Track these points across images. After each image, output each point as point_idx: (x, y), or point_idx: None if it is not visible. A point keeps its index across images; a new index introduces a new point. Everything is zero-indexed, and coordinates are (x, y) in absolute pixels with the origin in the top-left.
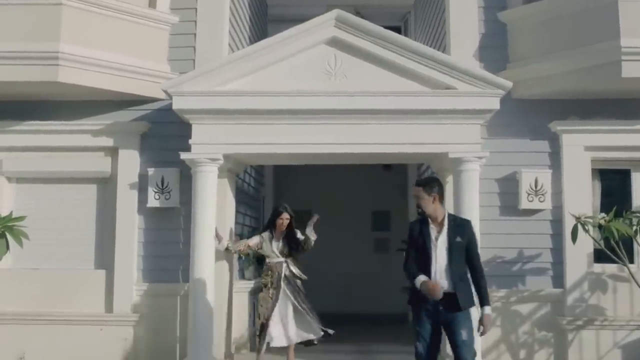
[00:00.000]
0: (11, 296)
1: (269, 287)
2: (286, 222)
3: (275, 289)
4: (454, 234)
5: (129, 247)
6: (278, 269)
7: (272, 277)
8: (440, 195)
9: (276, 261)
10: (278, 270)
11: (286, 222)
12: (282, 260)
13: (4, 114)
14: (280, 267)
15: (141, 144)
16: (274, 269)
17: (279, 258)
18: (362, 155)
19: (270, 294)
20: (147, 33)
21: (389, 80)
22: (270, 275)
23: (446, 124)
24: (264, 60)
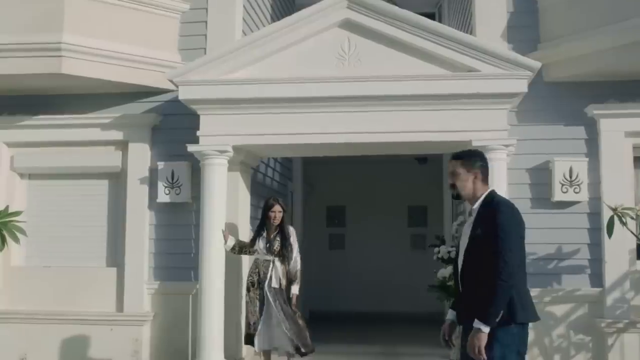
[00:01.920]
0: (23, 294)
1: (256, 287)
2: (279, 216)
3: (261, 289)
4: (478, 225)
5: (140, 244)
6: (264, 268)
7: (258, 275)
8: (483, 174)
9: (264, 259)
10: (264, 270)
11: (279, 215)
12: (270, 259)
13: (15, 109)
14: (267, 266)
15: (152, 137)
16: (260, 267)
17: (267, 256)
18: (379, 145)
19: (258, 295)
20: (155, 22)
21: (406, 63)
22: (257, 273)
23: (469, 109)
24: (273, 46)
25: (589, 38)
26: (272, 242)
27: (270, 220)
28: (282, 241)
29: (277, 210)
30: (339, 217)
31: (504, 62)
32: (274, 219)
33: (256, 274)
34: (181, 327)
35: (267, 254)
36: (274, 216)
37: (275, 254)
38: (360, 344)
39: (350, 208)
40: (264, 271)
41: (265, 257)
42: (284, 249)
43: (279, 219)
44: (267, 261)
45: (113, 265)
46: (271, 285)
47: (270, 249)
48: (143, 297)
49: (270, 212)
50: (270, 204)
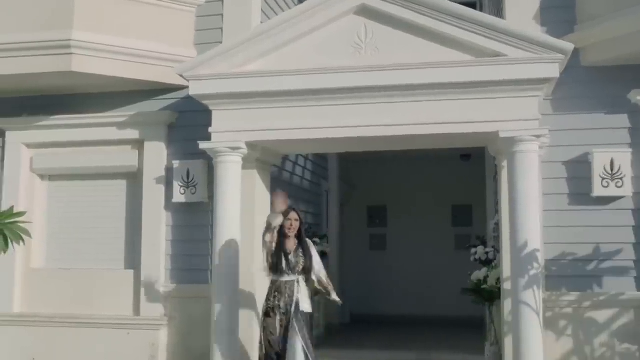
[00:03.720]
0: (42, 297)
1: (276, 312)
2: (295, 225)
3: (284, 314)
4: None
5: (156, 246)
6: (289, 291)
7: (280, 299)
8: None
9: (286, 279)
10: (289, 293)
11: (295, 224)
12: (293, 279)
13: (33, 110)
14: (291, 287)
15: (168, 136)
16: (282, 289)
17: (290, 276)
18: (399, 139)
19: (280, 321)
20: (170, 16)
21: (427, 50)
22: (278, 298)
23: (495, 98)
24: (286, 36)
25: (630, 16)
26: (293, 258)
27: (285, 230)
28: (305, 256)
29: (293, 217)
30: (380, 217)
31: (533, 45)
32: (289, 229)
33: (278, 297)
34: (198, 331)
35: (291, 274)
36: (290, 225)
37: (299, 272)
38: (396, 349)
39: (392, 207)
40: (289, 294)
41: (287, 278)
42: (307, 266)
43: (295, 228)
44: (289, 282)
45: (131, 267)
46: (299, 310)
47: (292, 266)
48: (159, 300)
49: (285, 221)
50: (286, 212)
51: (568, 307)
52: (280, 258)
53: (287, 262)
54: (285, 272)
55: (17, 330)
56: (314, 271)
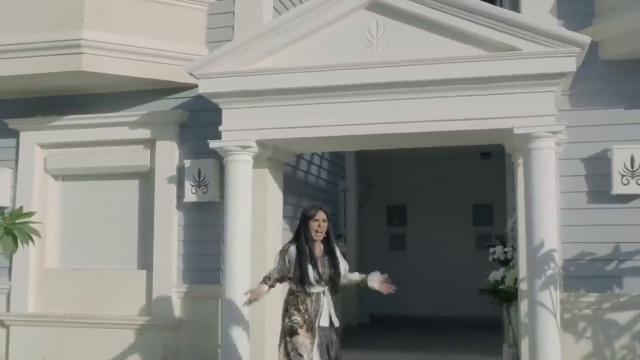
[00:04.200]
0: (56, 297)
1: (304, 329)
2: (324, 226)
3: (311, 330)
4: None
5: (168, 246)
6: (315, 304)
7: (305, 314)
8: None
9: (312, 291)
10: (314, 307)
11: (324, 225)
12: (320, 290)
13: (47, 110)
14: (318, 301)
15: (180, 135)
16: (307, 303)
17: (317, 287)
18: (412, 136)
19: (309, 339)
20: (181, 14)
21: (439, 45)
22: (303, 313)
23: (510, 93)
24: (295, 33)
25: None
26: (321, 267)
27: (312, 234)
28: (333, 263)
29: (322, 218)
30: (399, 217)
31: (548, 38)
32: (317, 231)
33: (303, 312)
34: (211, 332)
35: (317, 284)
36: (317, 226)
37: (326, 282)
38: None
39: (412, 207)
40: (315, 307)
41: (313, 290)
42: (335, 275)
43: (323, 230)
44: (316, 294)
45: (143, 267)
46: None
47: (319, 275)
48: (172, 300)
49: (312, 222)
50: (310, 214)
51: (587, 309)
52: (307, 268)
53: (316, 271)
54: (312, 283)
55: (31, 330)
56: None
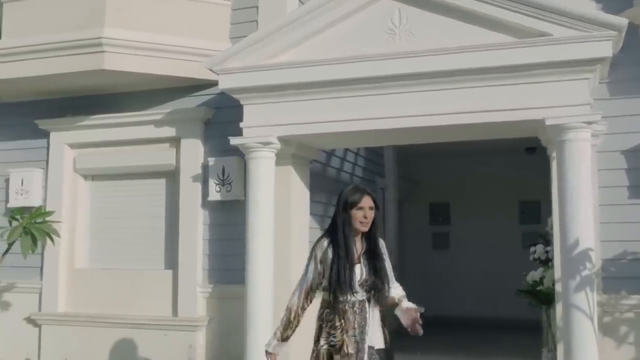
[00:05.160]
0: (86, 297)
1: (347, 352)
2: (370, 216)
3: (358, 351)
4: None
5: (193, 245)
6: (359, 318)
7: (348, 331)
8: None
9: (357, 300)
10: (359, 320)
11: (370, 215)
12: (364, 298)
13: (76, 110)
14: (362, 312)
15: (205, 132)
16: (349, 316)
17: (360, 294)
18: (439, 130)
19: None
20: (205, 10)
21: (465, 33)
22: (344, 329)
23: (540, 82)
24: (315, 25)
25: None
26: (364, 267)
27: (357, 226)
28: (377, 264)
29: (368, 205)
30: (443, 215)
31: (581, 22)
32: (362, 222)
33: (343, 330)
34: (236, 333)
35: (360, 292)
36: (363, 217)
37: (370, 289)
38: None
39: (455, 204)
40: (360, 322)
41: (356, 299)
42: (381, 278)
43: (370, 221)
44: (360, 303)
45: (170, 267)
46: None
47: (362, 280)
48: (196, 301)
49: (355, 210)
50: (354, 198)
51: (629, 312)
52: (347, 269)
53: (360, 275)
54: (355, 289)
55: (61, 329)
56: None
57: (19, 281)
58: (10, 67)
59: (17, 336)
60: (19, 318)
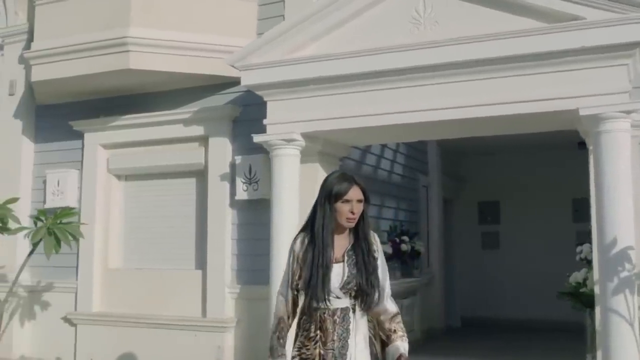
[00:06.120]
0: (119, 297)
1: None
2: (359, 210)
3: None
4: None
5: (221, 245)
6: (339, 328)
7: (326, 343)
8: None
9: (338, 307)
10: (339, 331)
11: (359, 209)
12: (346, 306)
13: (108, 111)
14: (344, 322)
15: (233, 131)
16: (327, 325)
17: (342, 299)
18: (468, 123)
19: None
20: (231, 7)
21: (493, 20)
22: (323, 341)
23: (573, 69)
24: (337, 17)
25: None
26: (347, 268)
27: (343, 221)
28: (365, 263)
29: (356, 197)
30: (492, 213)
31: (617, 3)
32: (349, 218)
33: (319, 340)
34: (264, 335)
35: (342, 296)
36: (350, 211)
37: (354, 294)
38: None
39: (505, 203)
40: (341, 333)
41: (335, 306)
42: (369, 281)
43: (358, 214)
44: (341, 311)
45: (200, 267)
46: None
47: (344, 281)
48: (225, 301)
49: (341, 204)
50: (340, 188)
51: None
52: (317, 270)
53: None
54: (332, 293)
55: (95, 329)
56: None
57: (57, 281)
58: (42, 69)
59: (55, 335)
60: (57, 317)
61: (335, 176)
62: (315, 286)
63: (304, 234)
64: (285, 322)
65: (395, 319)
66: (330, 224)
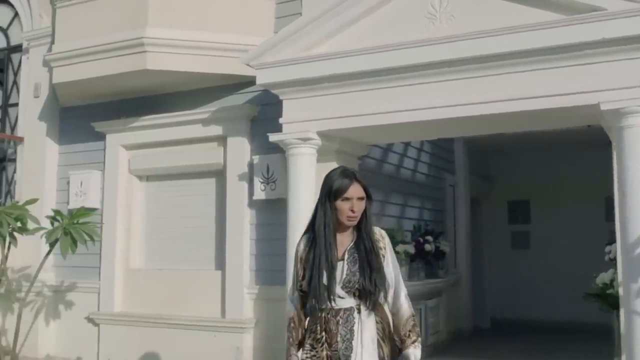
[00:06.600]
0: (140, 297)
1: None
2: (359, 207)
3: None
4: None
5: (239, 245)
6: (344, 329)
7: (331, 345)
8: None
9: (341, 307)
10: (343, 332)
11: (359, 207)
12: (350, 306)
13: (128, 112)
14: (348, 322)
15: (251, 130)
16: (333, 326)
17: (346, 299)
18: (485, 119)
19: None
20: (249, 6)
21: (510, 13)
22: (329, 342)
23: (593, 62)
24: (351, 13)
25: None
26: (348, 266)
27: (344, 220)
28: (368, 263)
29: (357, 195)
30: (522, 213)
31: None
32: (349, 217)
33: (324, 341)
34: (283, 336)
35: (346, 297)
36: (350, 210)
37: (358, 294)
38: None
39: (536, 201)
40: (345, 334)
41: (339, 306)
42: (371, 279)
43: (359, 213)
44: (345, 311)
45: (219, 268)
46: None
47: (348, 282)
48: (243, 302)
49: (341, 202)
50: (339, 186)
51: None
52: (318, 270)
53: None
54: (336, 293)
55: (117, 329)
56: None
57: (80, 281)
58: (62, 71)
59: (79, 335)
60: (81, 317)
61: (335, 173)
62: (316, 286)
63: (308, 235)
64: (295, 324)
65: (409, 321)
66: (332, 223)
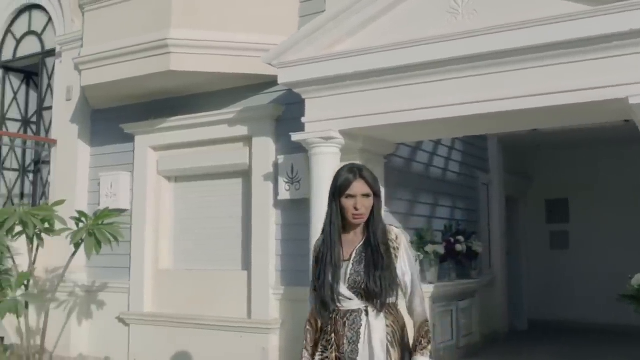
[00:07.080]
0: (168, 297)
1: None
2: (364, 206)
3: None
4: None
5: (265, 245)
6: (350, 331)
7: (339, 347)
8: None
9: (349, 309)
10: (350, 335)
11: (363, 204)
12: (358, 308)
13: (157, 113)
14: (355, 323)
15: (276, 130)
16: (340, 328)
17: (354, 301)
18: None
19: None
20: (271, 4)
21: (533, 5)
22: (337, 344)
23: (621, 55)
24: (372, 10)
25: None
26: (354, 266)
27: (349, 217)
28: (373, 263)
29: (360, 192)
30: (561, 212)
31: None
32: (354, 215)
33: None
34: None
35: (353, 298)
36: (354, 207)
37: (365, 295)
38: None
39: (575, 200)
40: (352, 337)
41: (347, 307)
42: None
43: (367, 211)
44: (352, 313)
45: (246, 268)
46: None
47: (354, 282)
48: (269, 303)
49: (344, 199)
50: (343, 182)
51: None
52: (323, 271)
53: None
54: (341, 294)
55: (147, 329)
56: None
57: (111, 281)
58: (90, 73)
59: (110, 334)
60: (112, 317)
61: (344, 168)
62: (322, 287)
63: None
64: (311, 325)
65: (423, 327)
66: (337, 221)
